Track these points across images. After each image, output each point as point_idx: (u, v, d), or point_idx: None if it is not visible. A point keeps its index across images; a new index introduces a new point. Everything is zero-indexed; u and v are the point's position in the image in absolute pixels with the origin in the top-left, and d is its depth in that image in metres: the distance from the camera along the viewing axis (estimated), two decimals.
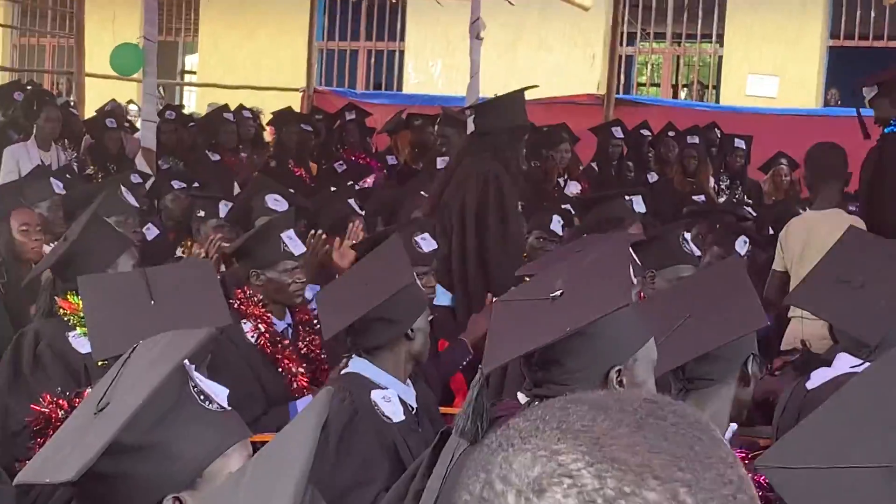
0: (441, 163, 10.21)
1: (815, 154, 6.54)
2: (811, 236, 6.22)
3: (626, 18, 16.53)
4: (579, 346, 2.72)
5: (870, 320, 3.60)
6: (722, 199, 10.43)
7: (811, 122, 13.79)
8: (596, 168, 11.50)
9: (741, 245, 6.54)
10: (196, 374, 2.26)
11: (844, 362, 3.66)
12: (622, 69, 17.27)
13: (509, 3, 14.08)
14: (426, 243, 5.65)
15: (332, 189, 8.31)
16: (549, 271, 3.03)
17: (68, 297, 4.42)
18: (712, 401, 3.26)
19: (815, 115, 14.85)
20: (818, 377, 3.69)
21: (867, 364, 3.49)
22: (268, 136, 13.40)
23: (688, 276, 4.84)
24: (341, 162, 11.05)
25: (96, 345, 3.41)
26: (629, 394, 1.25)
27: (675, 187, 10.52)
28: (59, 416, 3.42)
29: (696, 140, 10.92)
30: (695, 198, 9.32)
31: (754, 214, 8.52)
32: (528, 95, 8.28)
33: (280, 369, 4.88)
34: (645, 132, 11.49)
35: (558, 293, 2.74)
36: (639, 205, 6.50)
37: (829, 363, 3.77)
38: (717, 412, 3.26)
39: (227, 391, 2.28)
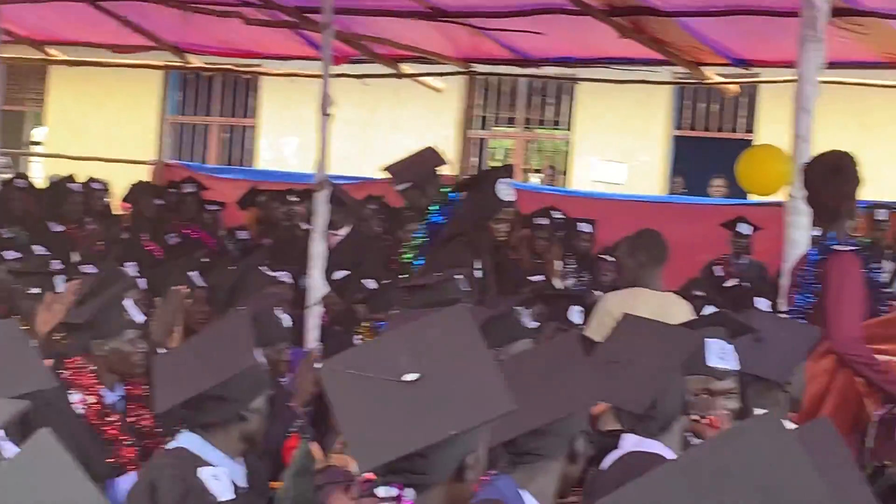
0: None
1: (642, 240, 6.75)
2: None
3: (477, 102, 16.74)
4: (446, 441, 2.66)
5: (635, 392, 3.66)
6: (569, 281, 10.54)
7: (657, 208, 14.11)
8: None
9: (575, 315, 6.63)
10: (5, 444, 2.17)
11: (630, 442, 3.71)
12: (474, 152, 17.46)
13: (363, 84, 14.16)
14: (286, 319, 5.66)
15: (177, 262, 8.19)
16: (385, 343, 2.95)
17: None
18: (540, 476, 3.26)
19: (661, 201, 15.22)
20: (608, 459, 3.74)
21: (651, 440, 3.58)
22: (118, 208, 13.20)
23: (525, 350, 4.86)
24: (174, 235, 10.93)
25: None
26: None
27: (522, 267, 10.60)
28: None
29: (545, 221, 11.04)
30: (533, 278, 9.42)
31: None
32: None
33: (107, 442, 4.76)
34: None
35: (414, 377, 2.67)
36: (464, 284, 6.58)
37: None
38: (544, 487, 3.25)
39: None
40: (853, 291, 5.21)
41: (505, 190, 6.46)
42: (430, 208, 7.07)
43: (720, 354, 3.97)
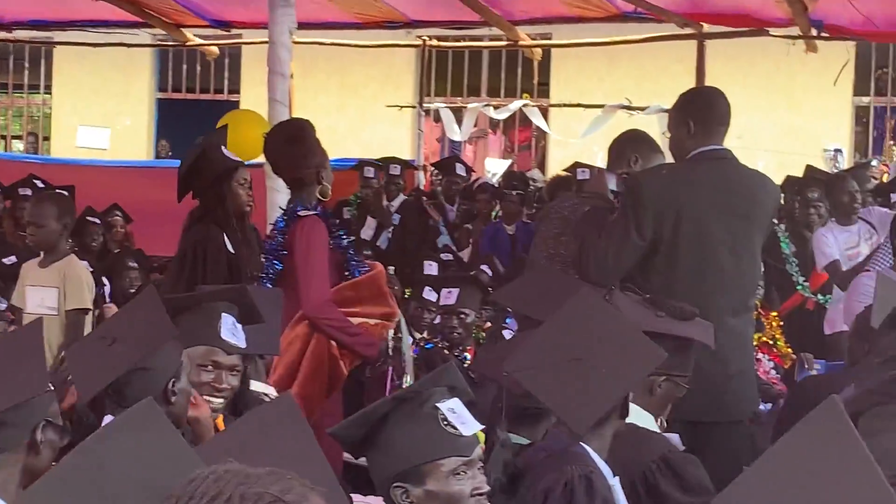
0: None
1: None
2: None
3: None
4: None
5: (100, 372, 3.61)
6: None
7: (143, 172, 13.92)
8: None
9: None
10: None
11: None
12: None
13: None
14: None
15: None
16: None
17: None
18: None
19: (147, 166, 15.03)
20: None
21: None
22: None
23: None
24: None
25: None
26: None
27: (9, 241, 10.16)
28: None
29: (29, 192, 10.57)
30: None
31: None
32: None
33: None
34: None
35: None
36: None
37: None
38: (5, 482, 3.07)
39: None
40: (319, 256, 5.26)
41: (227, 150, 5.96)
42: None
43: (232, 330, 3.97)
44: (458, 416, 2.97)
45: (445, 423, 2.95)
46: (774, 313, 7.58)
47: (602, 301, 3.56)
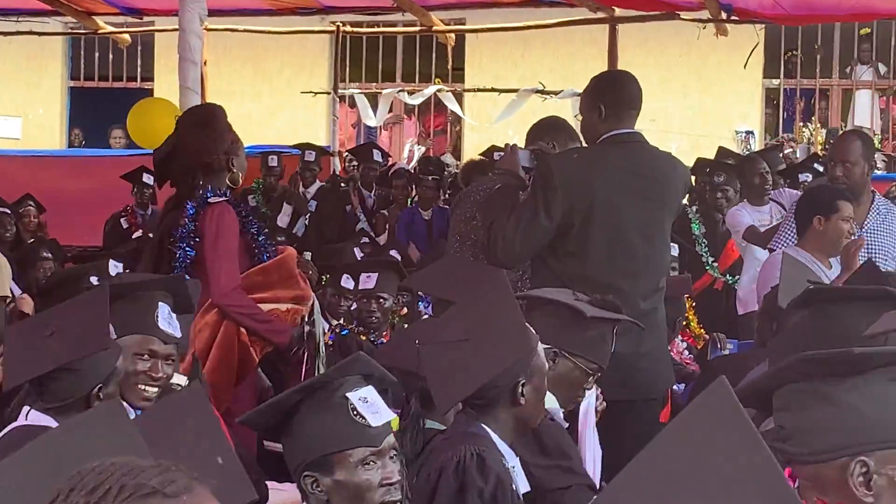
0: None
1: None
2: None
3: None
4: None
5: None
6: None
7: (56, 161, 13.79)
8: None
9: None
10: None
11: (27, 415, 3.60)
12: None
13: None
14: None
15: None
16: None
17: None
18: None
19: (60, 155, 14.88)
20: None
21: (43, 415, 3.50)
22: None
23: None
24: None
25: None
26: None
27: None
28: None
29: None
30: None
31: None
32: None
33: None
34: None
35: None
36: None
37: None
38: None
39: None
40: (229, 243, 5.21)
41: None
42: None
43: (168, 319, 3.98)
44: (370, 405, 2.96)
45: (355, 413, 2.94)
46: (687, 294, 7.68)
47: (507, 287, 3.58)
